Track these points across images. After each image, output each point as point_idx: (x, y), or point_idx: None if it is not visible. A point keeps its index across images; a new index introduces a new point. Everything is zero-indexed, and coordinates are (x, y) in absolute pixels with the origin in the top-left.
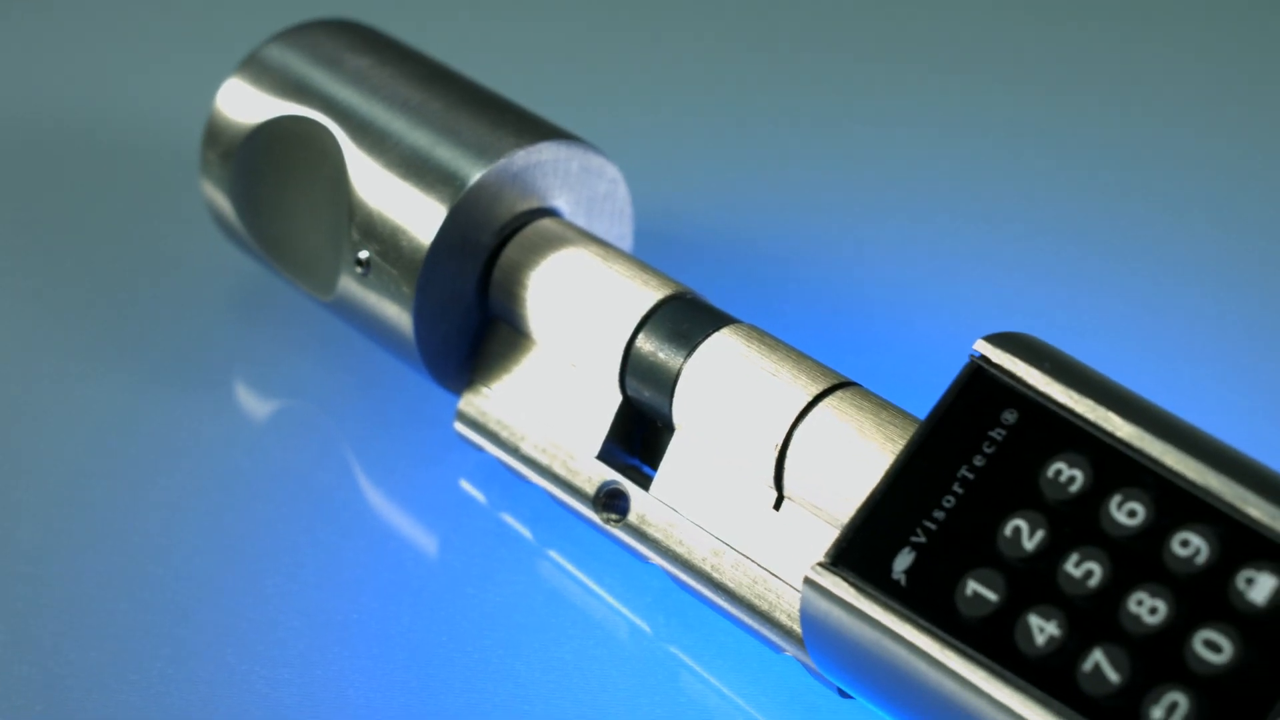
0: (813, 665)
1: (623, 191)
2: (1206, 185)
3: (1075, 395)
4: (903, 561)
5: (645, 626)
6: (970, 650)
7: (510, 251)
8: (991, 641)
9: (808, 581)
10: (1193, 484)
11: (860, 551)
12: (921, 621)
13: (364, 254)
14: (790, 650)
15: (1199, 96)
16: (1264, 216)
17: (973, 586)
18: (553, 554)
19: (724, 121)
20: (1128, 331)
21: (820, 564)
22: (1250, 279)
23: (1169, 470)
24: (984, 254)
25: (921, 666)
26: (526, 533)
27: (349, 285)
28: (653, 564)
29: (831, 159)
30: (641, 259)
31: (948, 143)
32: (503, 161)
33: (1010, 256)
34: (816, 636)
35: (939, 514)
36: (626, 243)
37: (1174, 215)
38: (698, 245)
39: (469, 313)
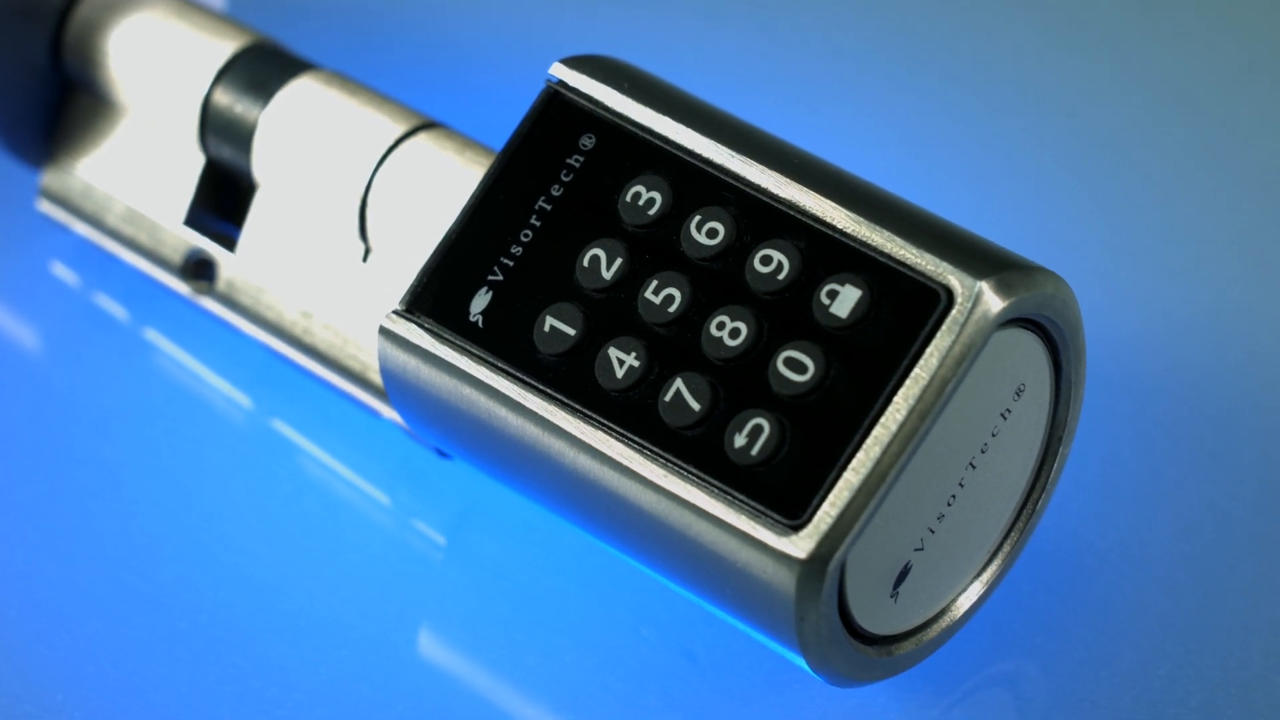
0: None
1: None
2: None
3: (654, 114)
4: (480, 303)
5: (246, 400)
6: (548, 389)
7: (81, 11)
8: (570, 379)
9: (383, 331)
10: (775, 198)
11: (435, 296)
12: (498, 363)
13: None
14: (387, 413)
15: None
16: None
17: (550, 322)
18: (149, 333)
19: None
20: (759, 69)
21: (394, 311)
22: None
23: (751, 185)
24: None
25: (501, 411)
26: (121, 312)
27: None
28: (249, 334)
29: None
30: (230, 16)
31: None
32: None
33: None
34: (398, 390)
35: (517, 250)
36: (217, 0)
37: None
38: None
39: (43, 81)
